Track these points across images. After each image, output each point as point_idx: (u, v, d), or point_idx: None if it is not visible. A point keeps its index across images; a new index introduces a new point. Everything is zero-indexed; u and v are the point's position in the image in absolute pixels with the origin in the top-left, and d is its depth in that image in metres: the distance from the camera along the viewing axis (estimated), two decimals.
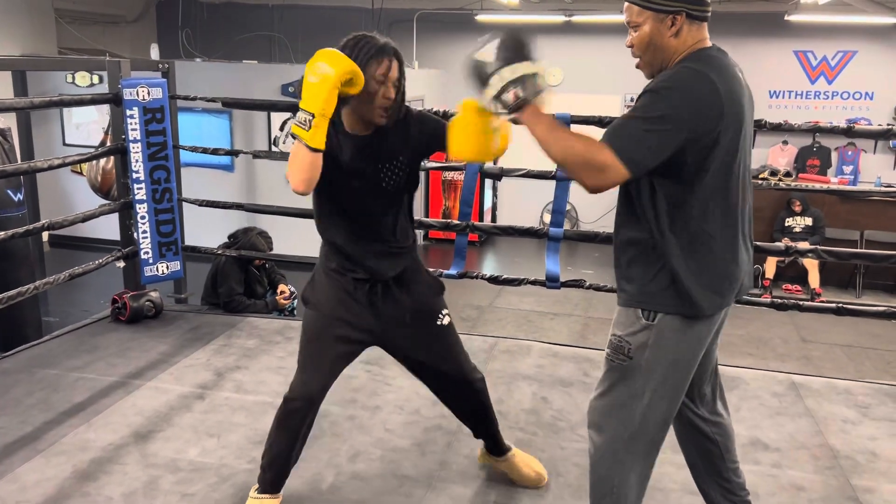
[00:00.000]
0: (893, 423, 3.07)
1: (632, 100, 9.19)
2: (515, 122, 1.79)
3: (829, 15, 7.66)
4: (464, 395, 2.35)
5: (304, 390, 2.15)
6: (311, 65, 1.85)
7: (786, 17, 7.86)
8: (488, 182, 9.14)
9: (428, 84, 8.72)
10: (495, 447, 2.50)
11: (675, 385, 1.85)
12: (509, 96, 1.73)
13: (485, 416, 2.43)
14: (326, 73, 1.82)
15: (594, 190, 1.67)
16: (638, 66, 1.85)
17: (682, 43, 1.77)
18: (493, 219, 9.52)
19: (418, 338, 2.25)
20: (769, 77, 8.38)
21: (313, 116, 1.84)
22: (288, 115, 7.62)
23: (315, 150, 1.86)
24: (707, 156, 1.70)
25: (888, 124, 5.19)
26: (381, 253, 2.17)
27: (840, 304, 3.49)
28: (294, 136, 1.86)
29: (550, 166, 3.63)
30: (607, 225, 9.13)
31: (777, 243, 3.77)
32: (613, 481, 1.90)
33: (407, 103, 2.16)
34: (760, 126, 3.22)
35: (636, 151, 1.64)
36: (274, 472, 2.26)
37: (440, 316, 2.26)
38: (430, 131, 2.15)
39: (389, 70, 1.99)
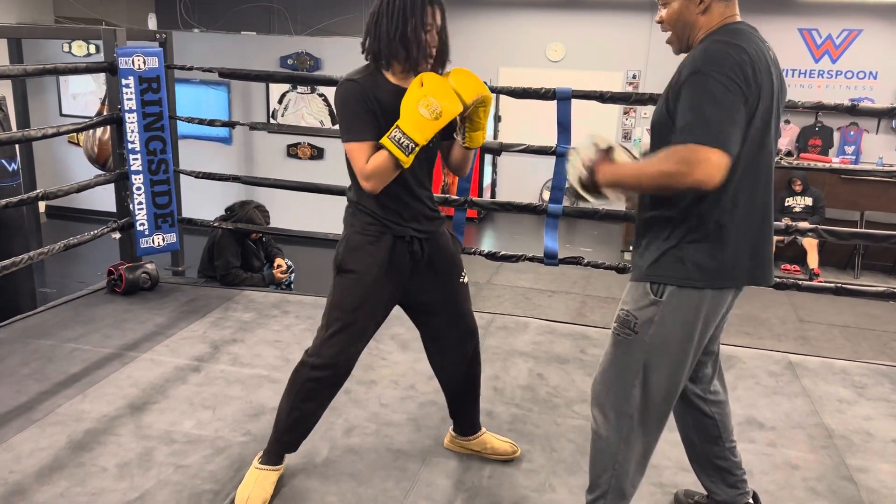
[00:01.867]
0: (889, 403, 3.07)
1: (634, 77, 9.12)
2: (599, 191, 1.77)
3: None
4: (466, 352, 2.35)
5: (346, 358, 2.16)
6: (427, 97, 1.90)
7: None
8: (488, 158, 9.09)
9: None
10: (471, 425, 2.51)
11: (679, 362, 1.84)
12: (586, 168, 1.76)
13: (476, 382, 2.44)
14: (441, 112, 1.92)
15: (710, 185, 1.60)
16: (668, 42, 1.89)
17: (711, 20, 1.78)
18: (493, 195, 9.48)
19: (442, 290, 2.27)
20: None
21: (416, 146, 1.93)
22: (287, 87, 7.55)
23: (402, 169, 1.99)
24: (745, 128, 1.68)
25: (892, 104, 5.14)
26: (423, 209, 2.17)
27: (838, 285, 3.48)
28: (383, 147, 1.95)
29: (550, 142, 3.62)
30: (606, 203, 9.08)
31: (776, 222, 3.75)
32: (616, 457, 1.90)
33: None
34: None
35: (724, 131, 1.60)
36: (293, 439, 2.27)
37: (462, 274, 2.32)
38: None
39: (435, 18, 2.03)
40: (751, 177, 1.75)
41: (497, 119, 9.10)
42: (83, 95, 8.03)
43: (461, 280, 2.31)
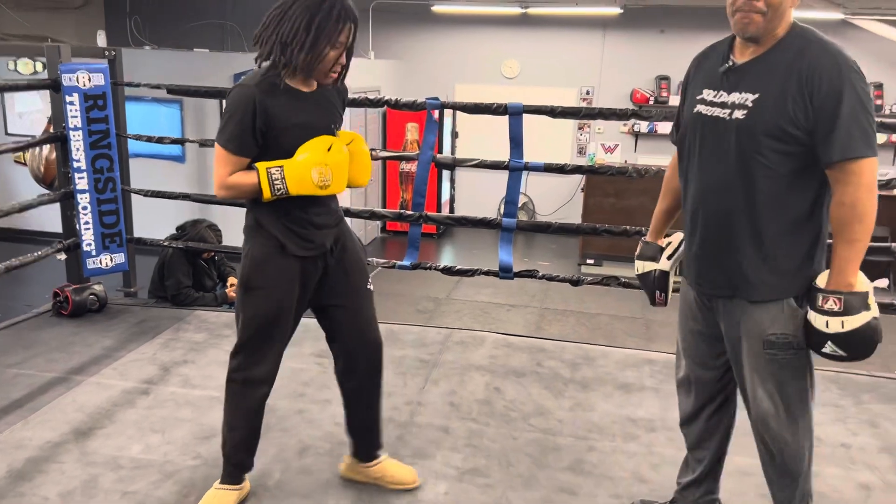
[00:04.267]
0: (837, 408, 3.13)
1: (588, 92, 9.25)
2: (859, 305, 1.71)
3: None
4: (370, 364, 2.29)
5: (271, 372, 2.18)
6: (326, 166, 1.97)
7: None
8: (446, 174, 9.12)
9: (384, 75, 8.64)
10: (371, 450, 2.40)
11: None
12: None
13: (378, 399, 2.36)
14: (327, 187, 2.00)
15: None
16: (748, 21, 1.70)
17: (789, 17, 1.74)
18: (452, 210, 9.50)
19: (349, 295, 2.23)
20: None
21: (286, 195, 1.98)
22: None
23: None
24: None
25: None
26: (324, 221, 2.13)
27: None
28: (257, 173, 1.98)
29: (503, 156, 3.64)
30: (563, 216, 9.20)
31: None
32: (802, 471, 1.94)
33: (364, 94, 2.17)
34: None
35: (873, 139, 1.65)
36: (242, 457, 2.24)
37: (369, 281, 2.29)
38: (344, 98, 2.22)
39: (349, 37, 1.98)
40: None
41: (454, 135, 9.15)
42: (30, 114, 7.85)
43: (369, 287, 2.28)
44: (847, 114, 1.62)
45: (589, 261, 7.94)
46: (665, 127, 9.03)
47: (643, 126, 9.09)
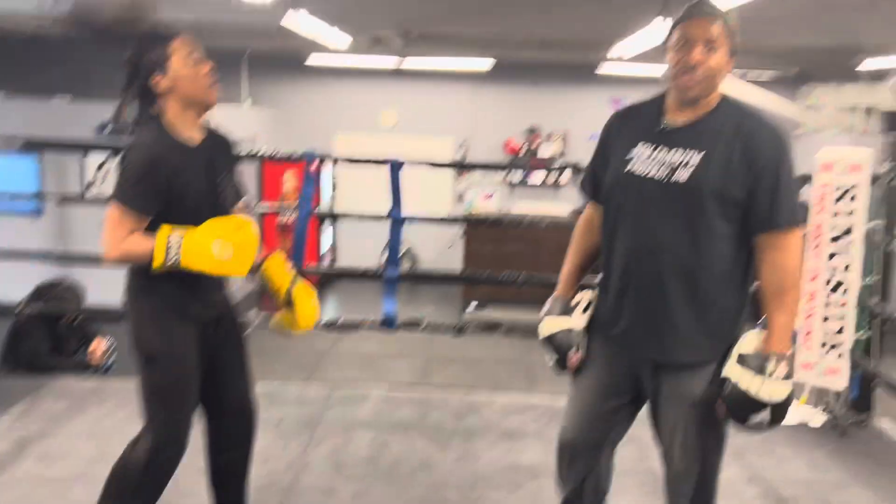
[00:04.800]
0: None
1: (464, 141, 9.52)
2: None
3: (637, 65, 8.27)
4: (248, 433, 2.21)
5: (184, 432, 2.03)
6: (230, 243, 1.88)
7: (595, 71, 8.50)
8: (327, 221, 9.04)
9: (262, 123, 8.52)
10: None
11: None
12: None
13: (248, 472, 2.27)
14: (224, 261, 1.88)
15: None
16: (690, 84, 1.74)
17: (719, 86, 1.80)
18: (334, 259, 9.40)
19: (235, 358, 2.17)
20: (588, 121, 8.98)
21: (177, 266, 1.86)
22: (105, 155, 7.11)
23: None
24: None
25: None
26: (214, 285, 2.07)
27: None
28: (154, 249, 1.86)
29: (383, 204, 3.66)
30: (445, 263, 9.17)
31: None
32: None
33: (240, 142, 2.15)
34: None
35: (798, 210, 1.79)
36: None
37: (245, 338, 2.23)
38: (229, 146, 2.16)
39: (195, 46, 1.96)
40: None
41: (333, 186, 9.12)
42: None
43: (246, 348, 2.22)
44: (787, 183, 1.76)
45: (472, 306, 8.06)
46: (538, 177, 9.48)
47: (518, 175, 9.58)
